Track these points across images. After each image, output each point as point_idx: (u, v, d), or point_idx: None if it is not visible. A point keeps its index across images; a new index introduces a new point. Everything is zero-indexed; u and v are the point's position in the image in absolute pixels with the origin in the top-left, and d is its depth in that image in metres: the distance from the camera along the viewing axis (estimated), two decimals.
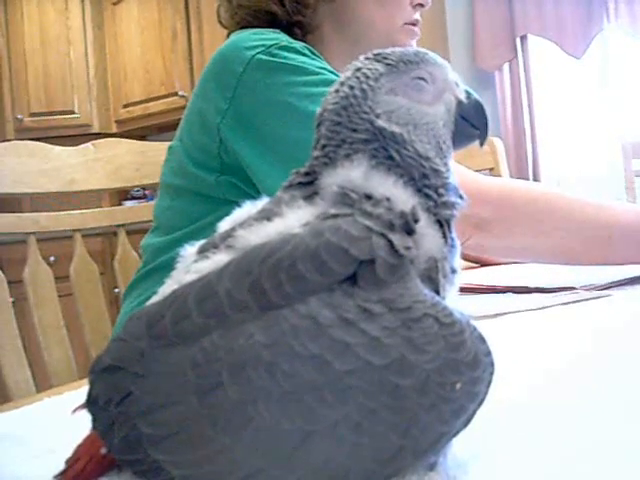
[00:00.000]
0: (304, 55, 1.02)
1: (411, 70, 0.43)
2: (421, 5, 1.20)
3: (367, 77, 0.43)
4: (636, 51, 3.43)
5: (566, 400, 0.51)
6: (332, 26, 1.19)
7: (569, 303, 0.88)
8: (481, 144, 0.48)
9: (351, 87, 0.43)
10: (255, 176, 1.01)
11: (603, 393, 0.52)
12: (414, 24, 1.20)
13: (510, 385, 0.52)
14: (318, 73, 0.99)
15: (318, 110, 0.44)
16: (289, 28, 1.14)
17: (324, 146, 0.42)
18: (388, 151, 0.41)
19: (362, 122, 0.41)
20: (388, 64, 0.43)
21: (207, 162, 1.06)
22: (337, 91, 0.43)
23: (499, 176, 2.20)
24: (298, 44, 1.04)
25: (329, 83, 0.40)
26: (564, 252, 1.00)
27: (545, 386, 0.55)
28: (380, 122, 0.41)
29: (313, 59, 1.02)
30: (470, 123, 0.46)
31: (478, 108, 0.46)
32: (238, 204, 0.44)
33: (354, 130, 0.41)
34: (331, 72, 1.01)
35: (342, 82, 0.43)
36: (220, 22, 1.24)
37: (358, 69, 0.43)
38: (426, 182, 0.40)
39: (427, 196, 0.40)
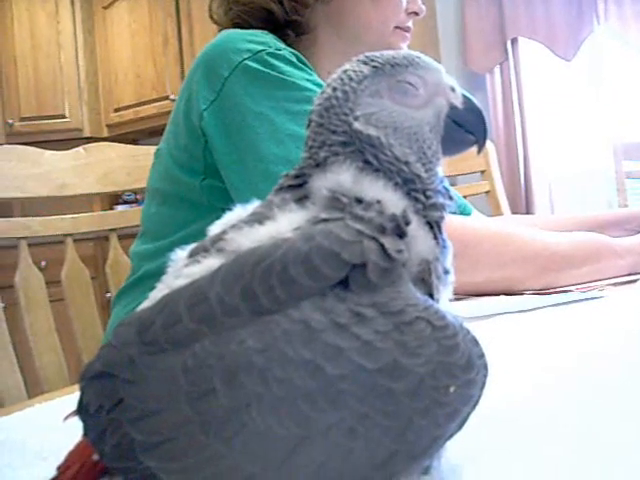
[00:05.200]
0: (291, 63, 1.02)
1: (398, 73, 0.43)
2: (416, 14, 1.22)
3: (350, 79, 0.42)
4: (626, 53, 3.44)
5: (560, 402, 0.51)
6: (327, 27, 1.19)
7: (563, 304, 0.88)
8: (478, 151, 0.47)
9: (334, 89, 0.43)
10: (226, 180, 1.02)
11: (598, 394, 0.52)
12: (406, 30, 1.22)
13: (504, 387, 0.52)
14: (302, 89, 0.99)
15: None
16: (284, 28, 1.14)
17: (310, 147, 0.42)
18: (365, 154, 0.40)
19: (341, 124, 0.41)
20: (374, 66, 0.43)
21: (192, 165, 1.06)
22: (323, 92, 0.43)
23: (491, 178, 2.21)
24: (286, 51, 1.04)
25: (311, 100, 0.40)
26: (520, 281, 1.01)
27: (538, 388, 0.55)
28: (357, 125, 0.41)
29: (300, 69, 1.02)
30: (465, 129, 0.45)
31: (475, 114, 0.45)
32: (223, 211, 0.43)
33: (334, 132, 0.41)
34: (316, 84, 1.01)
35: (329, 83, 0.43)
36: (211, 17, 1.23)
37: (345, 71, 0.43)
38: (411, 186, 0.40)
39: (416, 199, 0.40)
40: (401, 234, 0.37)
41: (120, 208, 3.59)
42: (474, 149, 0.47)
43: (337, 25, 1.19)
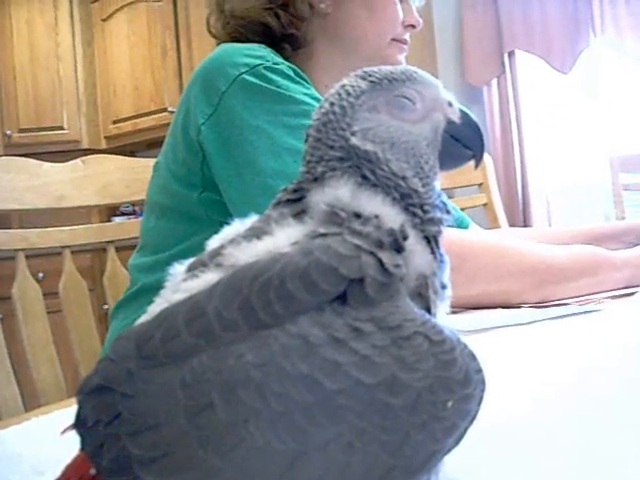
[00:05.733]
0: (289, 77, 1.02)
1: (396, 88, 0.43)
2: (413, 26, 1.22)
3: (348, 94, 0.43)
4: (622, 65, 3.46)
5: (557, 415, 0.51)
6: (324, 40, 1.19)
7: (560, 317, 0.88)
8: (476, 165, 0.47)
9: (332, 104, 0.43)
10: (224, 194, 1.02)
11: (595, 408, 0.52)
12: (403, 42, 1.22)
13: (502, 401, 0.52)
14: (300, 103, 0.99)
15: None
16: (280, 42, 1.15)
17: (308, 162, 0.42)
18: (362, 170, 0.41)
19: (338, 139, 0.42)
20: (372, 81, 0.43)
21: (190, 178, 1.06)
22: (321, 107, 0.43)
23: (488, 191, 2.21)
24: (284, 65, 1.04)
25: (309, 114, 0.41)
26: (518, 294, 1.00)
27: (536, 401, 0.55)
28: (354, 140, 0.41)
29: (297, 82, 1.03)
30: (462, 143, 0.45)
31: (473, 129, 0.46)
32: (222, 224, 0.44)
33: (331, 147, 0.42)
34: (314, 98, 1.01)
35: (326, 98, 0.44)
36: (209, 31, 1.24)
37: (342, 86, 0.44)
38: (409, 201, 0.40)
39: (413, 214, 0.40)
40: (399, 249, 0.38)
41: (118, 220, 3.59)
42: (472, 163, 0.47)
43: (334, 38, 1.20)
